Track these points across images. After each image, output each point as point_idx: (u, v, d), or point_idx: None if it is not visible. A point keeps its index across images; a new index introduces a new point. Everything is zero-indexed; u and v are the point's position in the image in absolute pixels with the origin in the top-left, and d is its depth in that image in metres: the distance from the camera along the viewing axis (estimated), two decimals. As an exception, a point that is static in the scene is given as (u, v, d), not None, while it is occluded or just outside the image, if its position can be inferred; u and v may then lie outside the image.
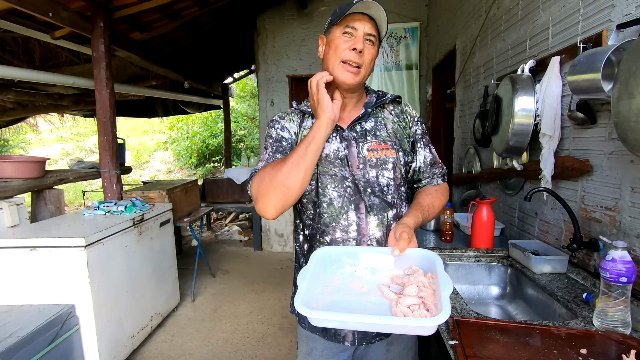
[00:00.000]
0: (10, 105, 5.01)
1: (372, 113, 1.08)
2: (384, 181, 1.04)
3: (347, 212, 1.02)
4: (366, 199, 1.02)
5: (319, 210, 1.04)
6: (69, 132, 11.83)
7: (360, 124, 1.06)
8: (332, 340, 1.08)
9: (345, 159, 1.03)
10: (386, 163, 1.04)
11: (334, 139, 1.05)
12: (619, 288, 0.92)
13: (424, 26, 4.45)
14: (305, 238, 1.11)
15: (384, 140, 1.05)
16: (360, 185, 1.02)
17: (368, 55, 1.00)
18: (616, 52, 1.06)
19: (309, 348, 1.14)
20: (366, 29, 0.98)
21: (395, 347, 1.13)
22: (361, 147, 1.04)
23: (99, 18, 2.77)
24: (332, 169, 1.03)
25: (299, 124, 1.10)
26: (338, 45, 0.99)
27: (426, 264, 0.92)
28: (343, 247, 1.01)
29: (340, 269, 0.97)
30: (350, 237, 1.03)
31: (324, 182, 1.03)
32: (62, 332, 1.90)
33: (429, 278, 0.87)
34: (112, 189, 2.96)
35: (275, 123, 1.10)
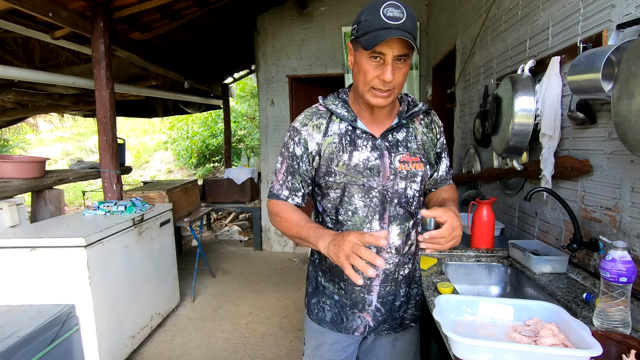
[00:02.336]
0: (10, 105, 5.01)
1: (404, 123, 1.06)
2: (411, 193, 1.04)
3: (371, 221, 1.02)
4: (391, 209, 1.02)
5: (342, 218, 1.04)
6: (69, 132, 11.82)
7: (392, 134, 1.04)
8: (342, 332, 1.10)
9: (375, 168, 1.01)
10: (415, 176, 1.04)
11: (364, 147, 1.01)
12: (619, 288, 0.92)
13: (424, 26, 4.45)
14: None
15: (414, 153, 1.04)
16: (388, 196, 1.02)
17: (399, 77, 0.92)
18: (616, 52, 1.06)
19: (317, 342, 1.15)
20: (395, 52, 0.88)
21: (400, 342, 1.17)
22: (393, 158, 1.02)
23: (99, 18, 2.77)
24: (360, 179, 1.01)
25: (324, 129, 1.03)
26: (367, 72, 0.92)
27: (547, 314, 0.93)
28: (463, 296, 1.02)
29: (459, 317, 0.98)
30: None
31: (351, 192, 1.02)
32: (62, 332, 1.90)
33: (555, 326, 0.88)
34: (112, 189, 2.96)
35: (295, 134, 1.05)
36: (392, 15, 0.86)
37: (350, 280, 1.00)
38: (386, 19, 0.86)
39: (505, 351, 0.77)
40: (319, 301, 1.14)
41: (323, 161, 1.03)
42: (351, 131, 1.03)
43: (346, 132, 1.03)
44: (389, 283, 1.08)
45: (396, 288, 1.10)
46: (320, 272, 1.15)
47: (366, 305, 1.09)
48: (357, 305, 1.09)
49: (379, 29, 0.87)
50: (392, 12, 0.86)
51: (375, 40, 0.86)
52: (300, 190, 1.08)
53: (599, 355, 0.73)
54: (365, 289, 1.08)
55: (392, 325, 1.12)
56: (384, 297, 1.09)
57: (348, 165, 1.00)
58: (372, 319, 1.10)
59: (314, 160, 1.04)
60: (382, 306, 1.09)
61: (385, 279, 1.07)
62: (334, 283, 1.11)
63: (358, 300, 1.08)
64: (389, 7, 0.86)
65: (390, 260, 1.06)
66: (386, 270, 1.06)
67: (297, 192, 1.07)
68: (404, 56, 0.91)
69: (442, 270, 1.48)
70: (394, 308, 1.11)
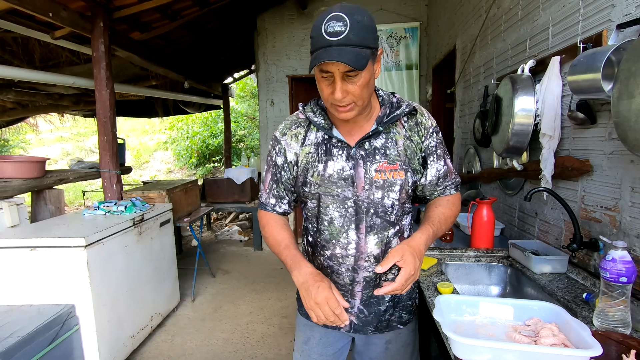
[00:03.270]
0: (10, 105, 5.01)
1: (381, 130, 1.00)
2: (389, 202, 1.00)
3: (347, 231, 1.02)
4: (367, 220, 1.00)
5: (320, 227, 1.05)
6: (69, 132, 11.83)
7: (369, 141, 0.99)
8: (329, 327, 1.11)
9: (350, 179, 0.98)
10: (393, 185, 0.99)
11: (339, 157, 0.99)
12: (619, 288, 0.92)
13: (424, 26, 4.45)
14: (309, 243, 1.14)
15: (393, 161, 0.99)
16: (364, 206, 1.00)
17: (355, 89, 0.88)
18: (616, 52, 1.06)
19: (306, 337, 1.16)
20: (341, 69, 0.84)
21: (394, 344, 1.15)
22: (369, 167, 0.98)
23: (99, 18, 2.77)
24: (334, 190, 0.99)
25: (302, 138, 1.03)
26: (322, 90, 0.91)
27: (547, 314, 0.93)
28: (463, 296, 1.02)
29: (459, 317, 0.98)
30: (349, 254, 1.03)
31: (325, 202, 1.01)
32: (62, 332, 1.90)
33: (555, 326, 0.89)
34: (112, 189, 2.96)
35: (276, 143, 1.06)
36: (332, 30, 0.81)
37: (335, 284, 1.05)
38: (327, 35, 0.81)
39: (505, 351, 0.77)
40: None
41: (300, 171, 1.03)
42: (327, 140, 1.01)
43: (322, 141, 1.01)
44: (370, 289, 1.07)
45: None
46: None
47: (350, 307, 1.09)
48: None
49: (320, 47, 0.83)
50: (333, 26, 0.81)
51: (315, 62, 0.83)
52: (285, 198, 1.09)
53: (599, 355, 0.73)
54: (348, 293, 1.08)
55: (378, 327, 1.12)
56: (367, 300, 1.09)
57: (322, 175, 0.99)
58: (357, 319, 1.11)
59: (294, 169, 1.05)
60: (366, 308, 1.10)
61: (366, 286, 1.07)
62: None
63: None
64: (330, 22, 0.81)
65: (370, 269, 1.05)
66: (366, 277, 1.05)
67: (283, 199, 1.09)
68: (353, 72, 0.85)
69: (442, 270, 1.48)
70: (378, 312, 1.11)
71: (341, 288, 1.07)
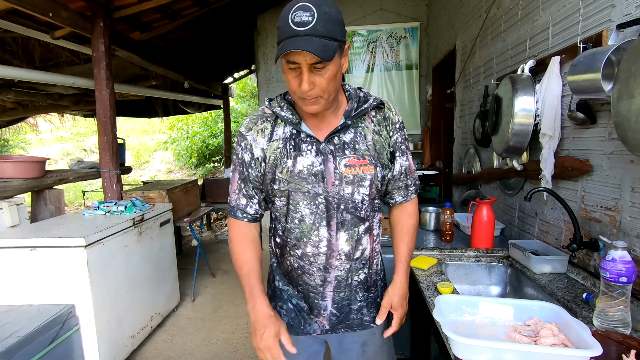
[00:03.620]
0: (10, 105, 5.01)
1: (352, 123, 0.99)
2: (359, 198, 0.99)
3: (319, 228, 0.99)
4: (338, 216, 0.99)
5: (290, 226, 1.01)
6: (69, 132, 11.83)
7: (338, 136, 0.98)
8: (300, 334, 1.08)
9: (320, 174, 0.96)
10: (363, 180, 0.98)
11: (309, 152, 0.97)
12: (619, 288, 0.93)
13: (424, 26, 4.45)
14: (277, 244, 1.10)
15: (362, 155, 0.98)
16: (334, 202, 0.98)
17: (322, 82, 0.86)
18: (616, 52, 1.06)
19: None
20: (308, 60, 0.83)
21: (370, 346, 1.13)
22: (338, 162, 0.97)
23: (99, 18, 2.77)
24: (304, 186, 0.97)
25: (269, 133, 1.00)
26: (289, 82, 0.89)
27: (547, 314, 0.94)
28: (463, 296, 1.03)
29: (459, 317, 0.98)
30: (321, 252, 1.01)
31: (296, 199, 0.98)
32: (62, 332, 1.90)
33: (555, 326, 0.89)
34: (112, 189, 2.96)
35: (241, 139, 1.02)
36: (299, 20, 0.80)
37: (305, 285, 1.05)
38: (293, 25, 0.80)
39: (505, 351, 0.77)
40: (276, 305, 1.12)
41: (268, 167, 0.99)
42: (295, 135, 0.98)
43: (290, 137, 0.98)
44: (342, 289, 1.05)
45: (351, 293, 1.07)
46: (278, 276, 1.13)
47: (321, 310, 1.07)
48: (314, 310, 1.07)
49: (287, 37, 0.82)
50: (300, 16, 0.80)
51: (281, 51, 0.82)
52: (255, 197, 1.04)
53: (599, 355, 0.73)
54: (319, 295, 1.05)
55: (350, 325, 1.10)
56: (339, 302, 1.07)
57: (292, 172, 0.96)
58: (329, 322, 1.08)
59: (261, 167, 1.01)
60: (338, 311, 1.08)
61: (338, 285, 1.05)
62: (293, 286, 1.10)
63: (314, 305, 1.07)
64: (298, 11, 0.80)
65: (342, 267, 1.03)
66: (338, 277, 1.04)
67: (253, 199, 1.04)
68: (320, 63, 0.84)
69: (442, 270, 1.48)
70: (350, 311, 1.09)
71: (312, 290, 1.05)
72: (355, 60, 4.66)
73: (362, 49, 4.61)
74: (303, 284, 1.06)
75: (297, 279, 1.07)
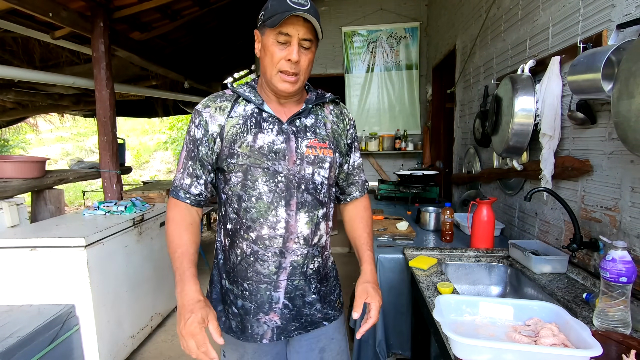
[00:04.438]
0: (10, 105, 5.01)
1: (313, 110, 1.06)
2: (319, 179, 1.02)
3: (277, 208, 0.97)
4: (298, 196, 0.99)
5: (246, 205, 0.98)
6: (69, 132, 11.83)
7: (300, 119, 1.02)
8: (249, 340, 1.03)
9: (281, 152, 0.98)
10: (323, 162, 1.02)
11: (270, 130, 0.98)
12: (619, 288, 0.92)
13: (424, 26, 4.45)
14: (227, 233, 1.04)
15: (322, 139, 1.03)
16: (295, 181, 0.98)
17: (305, 61, 0.95)
18: (616, 52, 1.06)
19: (239, 354, 1.07)
20: (300, 34, 0.91)
21: (328, 353, 1.12)
22: (300, 142, 1.00)
23: (99, 18, 2.77)
24: (264, 162, 0.96)
25: (228, 111, 1.00)
26: (273, 54, 0.93)
27: (547, 314, 0.94)
28: (463, 296, 1.02)
29: (459, 317, 0.98)
30: (278, 234, 0.98)
31: (254, 175, 0.97)
32: (62, 332, 1.90)
33: (555, 326, 0.89)
34: (112, 189, 2.96)
35: (196, 116, 1.01)
36: (297, 1, 0.90)
37: (255, 278, 1.01)
38: (291, 3, 0.89)
39: (505, 351, 0.77)
40: (224, 308, 1.07)
41: (225, 143, 0.98)
42: (257, 114, 1.00)
43: (252, 114, 1.00)
44: (297, 277, 1.03)
45: (305, 283, 1.04)
46: (224, 274, 1.08)
47: (273, 303, 1.02)
48: (263, 306, 1.02)
49: (284, 11, 0.89)
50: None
51: (282, 16, 0.88)
52: (202, 178, 1.01)
53: (599, 355, 0.73)
54: (272, 285, 1.01)
55: (302, 323, 1.06)
56: (292, 292, 1.03)
57: (252, 147, 0.96)
58: (280, 318, 1.03)
59: (214, 144, 0.99)
60: (290, 302, 1.03)
61: (292, 272, 1.02)
62: (238, 285, 1.04)
63: (264, 300, 1.01)
64: None
65: (299, 252, 1.01)
66: (294, 262, 1.01)
67: (199, 179, 1.01)
68: (309, 41, 0.94)
69: (442, 270, 1.48)
70: (304, 304, 1.05)
71: (264, 279, 1.01)
72: (355, 60, 4.66)
73: (362, 49, 4.61)
74: (254, 275, 1.01)
75: (246, 271, 1.01)
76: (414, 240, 1.97)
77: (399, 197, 3.13)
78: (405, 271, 1.76)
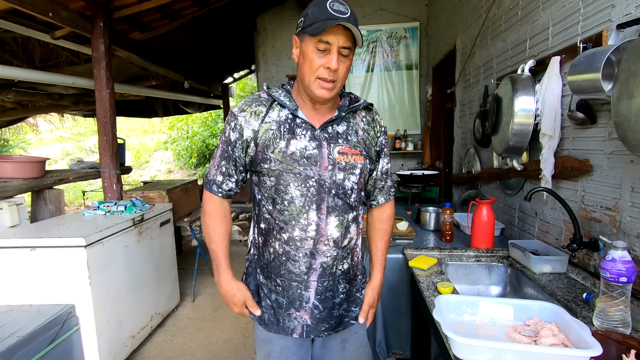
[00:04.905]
0: (10, 105, 5.01)
1: (345, 117, 1.07)
2: (349, 185, 1.04)
3: (308, 211, 1.01)
4: (329, 200, 1.02)
5: (279, 207, 1.02)
6: (69, 132, 11.83)
7: (332, 126, 1.04)
8: (280, 332, 1.09)
9: (313, 158, 1.00)
10: (354, 168, 1.04)
11: (303, 136, 1.01)
12: (619, 288, 0.93)
13: (424, 26, 4.45)
14: (261, 231, 1.09)
15: (354, 146, 1.05)
16: (326, 186, 1.01)
17: (343, 69, 0.97)
18: (616, 52, 1.06)
19: (266, 351, 1.13)
20: (340, 42, 0.93)
21: (350, 344, 1.17)
22: (332, 148, 1.02)
23: (99, 18, 2.77)
24: (296, 167, 1.00)
25: (263, 116, 1.03)
26: (312, 61, 0.95)
27: (547, 314, 0.94)
28: (463, 296, 1.03)
29: (459, 317, 0.98)
30: (309, 236, 1.02)
31: (286, 180, 1.00)
32: (62, 332, 1.90)
33: (555, 326, 0.89)
34: (112, 189, 2.96)
35: (232, 119, 1.05)
36: (337, 9, 0.92)
37: (287, 276, 1.06)
38: (332, 11, 0.92)
39: (505, 351, 0.77)
40: (260, 301, 1.12)
41: (260, 148, 1.02)
42: (291, 119, 1.03)
43: (286, 120, 1.03)
44: (326, 278, 1.06)
45: (334, 284, 1.08)
46: (258, 269, 1.13)
47: (303, 302, 1.06)
48: (295, 302, 1.06)
49: (326, 19, 0.91)
50: (338, 6, 0.93)
51: (323, 26, 0.90)
52: (234, 176, 1.08)
53: (599, 355, 0.73)
54: (303, 284, 1.05)
55: (332, 324, 1.10)
56: (322, 293, 1.06)
57: (284, 153, 0.99)
58: (310, 317, 1.07)
59: (249, 148, 1.03)
60: (321, 304, 1.07)
61: (322, 274, 1.05)
62: (271, 280, 1.08)
63: (295, 297, 1.06)
64: (335, 2, 0.93)
65: (328, 253, 1.04)
66: (324, 263, 1.04)
67: (231, 177, 1.08)
68: (348, 49, 0.95)
69: (442, 270, 1.48)
70: (333, 305, 1.09)
71: (296, 278, 1.05)
72: (355, 60, 4.65)
73: (362, 49, 4.61)
74: (286, 273, 1.05)
75: (279, 268, 1.06)
76: (414, 240, 1.97)
77: (399, 197, 3.12)
78: (405, 271, 1.76)
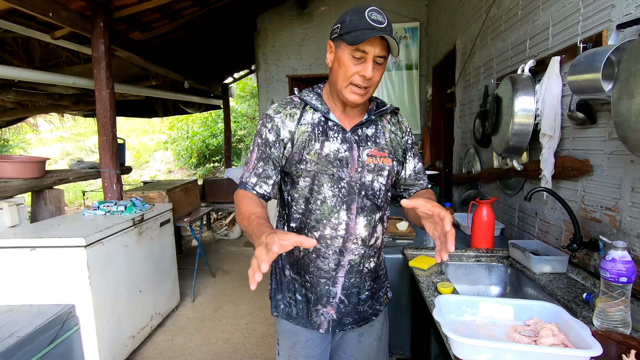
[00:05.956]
0: (10, 105, 5.01)
1: (373, 120, 1.11)
2: (377, 186, 1.08)
3: (339, 211, 1.05)
4: (359, 201, 1.05)
5: (312, 207, 1.06)
6: (69, 132, 11.83)
7: (362, 129, 1.08)
8: (308, 327, 1.12)
9: (344, 160, 1.04)
10: (382, 170, 1.08)
11: (335, 139, 1.05)
12: (619, 288, 0.93)
13: (424, 26, 4.45)
14: (292, 230, 1.10)
15: (382, 148, 1.09)
16: (356, 187, 1.05)
17: (377, 76, 1.00)
18: (616, 52, 1.06)
19: (291, 342, 1.16)
20: (377, 52, 0.96)
21: (366, 337, 1.20)
22: (361, 151, 1.06)
23: (99, 18, 2.77)
24: (330, 169, 1.04)
25: (298, 118, 1.06)
26: (347, 68, 0.98)
27: (547, 314, 0.94)
28: (463, 296, 1.03)
29: (459, 317, 0.99)
30: (339, 234, 1.05)
31: (321, 181, 1.04)
32: (62, 332, 1.90)
33: (555, 326, 0.89)
34: (112, 189, 2.96)
35: (268, 121, 1.07)
36: (376, 18, 0.94)
37: (316, 272, 1.08)
38: (371, 21, 0.94)
39: (505, 351, 0.77)
40: (285, 296, 1.16)
41: (296, 149, 1.05)
42: (323, 122, 1.06)
43: (319, 123, 1.06)
44: (354, 275, 1.10)
45: (361, 281, 1.12)
46: (288, 265, 1.16)
47: (331, 297, 1.10)
48: (322, 299, 1.10)
49: (364, 28, 0.93)
50: (376, 16, 0.95)
51: (362, 36, 0.92)
52: (271, 178, 1.05)
53: (599, 355, 0.73)
54: (331, 280, 1.09)
55: (356, 319, 1.14)
56: (349, 289, 1.11)
57: (319, 154, 1.03)
58: (336, 312, 1.11)
59: (285, 148, 1.06)
60: (347, 298, 1.11)
61: (350, 270, 1.09)
62: (301, 276, 1.12)
63: (323, 293, 1.10)
64: (373, 12, 0.95)
65: (357, 251, 1.08)
66: (351, 261, 1.08)
67: (268, 179, 1.04)
68: (383, 58, 0.97)
69: (442, 270, 1.48)
70: (359, 301, 1.13)
71: (324, 274, 1.09)
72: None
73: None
74: (315, 269, 1.08)
75: (308, 265, 1.09)
76: (414, 240, 1.97)
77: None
78: (405, 271, 1.76)
